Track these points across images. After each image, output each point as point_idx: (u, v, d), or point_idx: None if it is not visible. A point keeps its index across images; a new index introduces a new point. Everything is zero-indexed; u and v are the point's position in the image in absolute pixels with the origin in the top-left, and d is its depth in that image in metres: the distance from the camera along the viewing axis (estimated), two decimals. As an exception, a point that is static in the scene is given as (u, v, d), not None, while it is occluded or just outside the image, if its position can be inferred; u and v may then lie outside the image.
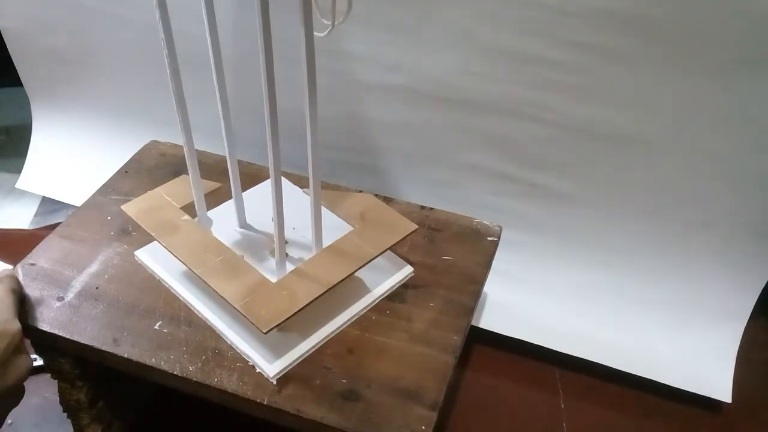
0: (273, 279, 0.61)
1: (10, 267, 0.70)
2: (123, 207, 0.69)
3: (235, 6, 0.88)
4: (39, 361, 0.75)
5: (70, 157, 1.13)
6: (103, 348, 0.62)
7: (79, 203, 0.82)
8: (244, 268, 0.62)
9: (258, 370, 0.60)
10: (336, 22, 0.52)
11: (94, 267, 0.70)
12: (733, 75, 0.73)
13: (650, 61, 0.75)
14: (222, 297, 0.59)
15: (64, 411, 0.75)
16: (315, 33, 0.51)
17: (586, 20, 0.74)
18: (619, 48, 0.75)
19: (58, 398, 0.73)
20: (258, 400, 0.58)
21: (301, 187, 0.80)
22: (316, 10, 0.51)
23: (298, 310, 0.58)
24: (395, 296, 0.69)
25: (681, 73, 0.75)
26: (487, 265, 0.74)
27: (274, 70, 0.51)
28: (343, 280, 0.61)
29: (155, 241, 0.66)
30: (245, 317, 0.57)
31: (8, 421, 0.83)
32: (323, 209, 0.65)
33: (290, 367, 0.61)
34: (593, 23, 0.74)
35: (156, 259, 0.70)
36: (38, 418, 0.84)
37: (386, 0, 0.80)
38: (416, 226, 0.68)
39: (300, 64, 0.53)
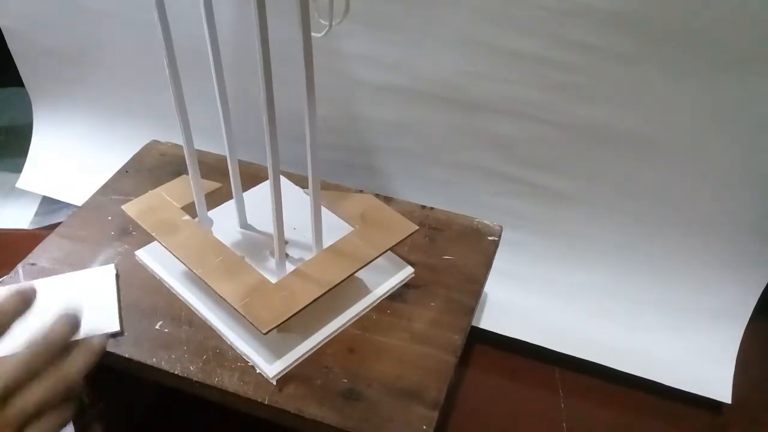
0: (273, 279, 0.61)
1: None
2: (123, 207, 0.69)
3: (234, 6, 0.88)
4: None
5: (70, 157, 1.13)
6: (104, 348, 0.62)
7: (79, 203, 0.82)
8: (245, 269, 0.62)
9: (258, 371, 0.60)
10: (333, 23, 0.52)
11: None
12: (733, 75, 0.73)
13: (651, 62, 0.75)
14: (222, 297, 0.59)
15: (64, 411, 0.75)
16: (312, 34, 0.51)
17: (587, 20, 0.74)
18: (619, 48, 0.75)
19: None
20: (259, 400, 0.58)
21: (302, 187, 0.79)
22: (314, 11, 0.51)
23: (298, 311, 0.58)
24: (396, 296, 0.69)
25: (681, 73, 0.75)
26: (488, 265, 0.74)
27: (274, 70, 0.51)
28: (343, 280, 0.61)
29: (156, 241, 0.66)
30: (245, 318, 0.57)
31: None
32: (323, 209, 0.65)
33: (290, 368, 0.61)
34: (594, 23, 0.74)
35: (156, 259, 0.70)
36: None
37: (386, 0, 0.80)
38: (417, 227, 0.68)
39: (299, 65, 0.53)
